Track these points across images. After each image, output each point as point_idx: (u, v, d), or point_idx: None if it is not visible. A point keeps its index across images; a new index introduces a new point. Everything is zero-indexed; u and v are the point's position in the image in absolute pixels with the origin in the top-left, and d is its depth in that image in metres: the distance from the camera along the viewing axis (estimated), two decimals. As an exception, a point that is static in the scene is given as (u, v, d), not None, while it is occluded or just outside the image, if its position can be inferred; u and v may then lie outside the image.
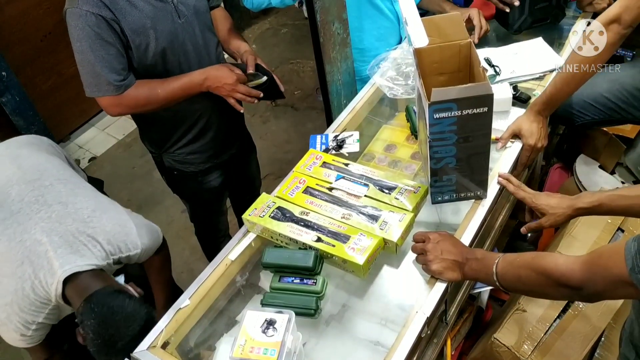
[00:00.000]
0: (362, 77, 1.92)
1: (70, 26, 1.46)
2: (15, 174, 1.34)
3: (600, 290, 0.95)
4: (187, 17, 1.58)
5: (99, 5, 1.43)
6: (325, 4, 1.59)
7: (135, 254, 1.35)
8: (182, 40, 1.58)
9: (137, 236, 1.36)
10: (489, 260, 1.14)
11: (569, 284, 0.99)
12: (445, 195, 1.34)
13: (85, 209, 1.30)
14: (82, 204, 1.31)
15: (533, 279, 1.06)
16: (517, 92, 1.69)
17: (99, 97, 1.55)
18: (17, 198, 1.28)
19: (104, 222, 1.30)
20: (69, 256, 1.21)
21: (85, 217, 1.29)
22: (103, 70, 1.48)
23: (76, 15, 1.43)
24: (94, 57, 1.47)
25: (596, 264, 0.95)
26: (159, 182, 3.01)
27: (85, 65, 1.50)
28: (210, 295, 1.31)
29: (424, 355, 1.38)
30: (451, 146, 1.20)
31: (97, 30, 1.44)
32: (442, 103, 1.12)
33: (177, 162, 1.82)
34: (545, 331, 1.49)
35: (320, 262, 1.26)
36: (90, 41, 1.45)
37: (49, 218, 1.26)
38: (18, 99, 2.95)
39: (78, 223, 1.27)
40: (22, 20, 2.98)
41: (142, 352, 1.20)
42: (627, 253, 0.88)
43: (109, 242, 1.29)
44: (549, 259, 1.04)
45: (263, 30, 4.15)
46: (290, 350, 1.09)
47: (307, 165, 1.48)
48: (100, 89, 1.52)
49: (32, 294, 1.21)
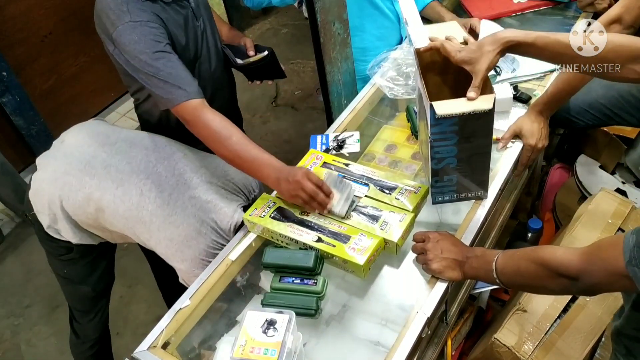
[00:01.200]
0: (362, 76, 1.92)
1: (127, 42, 1.33)
2: (152, 155, 1.48)
3: (597, 282, 0.95)
4: (202, 17, 1.57)
5: (151, 16, 1.37)
6: (325, 4, 1.59)
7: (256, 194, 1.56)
8: (202, 42, 1.56)
9: (247, 177, 1.54)
10: (489, 257, 1.15)
11: (567, 273, 1.00)
12: (446, 195, 1.34)
13: (217, 167, 1.52)
14: (212, 163, 1.52)
15: (532, 270, 1.06)
16: (517, 92, 1.69)
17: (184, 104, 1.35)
18: (169, 174, 1.45)
19: (233, 172, 1.52)
20: (232, 204, 1.46)
21: (222, 172, 1.51)
22: (177, 78, 1.35)
23: (133, 29, 1.33)
24: (164, 63, 1.35)
25: (594, 255, 0.96)
26: (160, 182, 3.03)
27: (158, 73, 1.34)
28: (210, 295, 1.32)
29: (424, 356, 1.38)
30: (452, 146, 1.20)
31: (159, 39, 1.36)
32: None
33: None
34: (546, 331, 1.49)
35: (321, 263, 1.26)
36: (156, 48, 1.34)
37: (202, 182, 1.46)
38: (18, 99, 2.95)
39: (222, 179, 1.50)
40: (22, 20, 2.98)
41: (143, 352, 1.20)
42: (625, 246, 0.89)
43: (245, 186, 1.54)
44: (548, 249, 1.05)
45: (263, 30, 4.15)
46: (291, 351, 1.09)
47: (307, 165, 1.48)
48: (181, 94, 1.34)
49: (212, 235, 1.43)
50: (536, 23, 2.02)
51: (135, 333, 2.34)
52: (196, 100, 1.35)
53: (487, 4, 2.08)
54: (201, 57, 1.57)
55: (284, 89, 3.61)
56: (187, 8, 1.50)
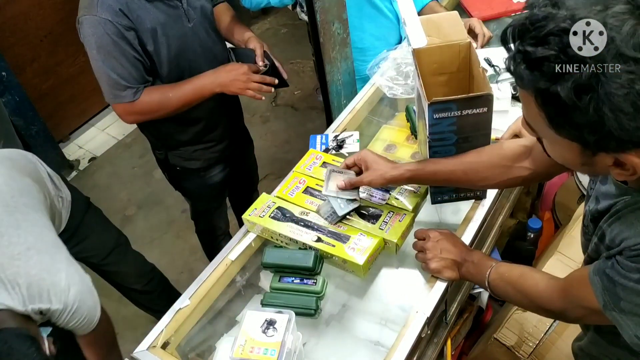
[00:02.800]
0: (362, 76, 1.92)
1: (87, 33, 1.45)
2: None
3: (580, 316, 0.96)
4: (195, 20, 1.58)
5: (118, 13, 1.42)
6: (325, 4, 1.59)
7: (57, 310, 1.17)
8: (192, 44, 1.58)
9: (65, 290, 1.18)
10: (483, 268, 1.15)
11: (551, 310, 1.02)
12: (445, 195, 1.34)
13: (19, 245, 1.17)
14: (20, 238, 1.18)
15: (519, 299, 1.09)
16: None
17: (114, 104, 1.55)
18: None
19: (32, 264, 1.16)
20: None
21: (16, 253, 1.15)
22: (119, 78, 1.49)
23: (94, 23, 1.42)
24: (110, 65, 1.47)
25: (570, 294, 0.96)
26: (159, 182, 3.03)
27: (102, 73, 1.49)
28: (210, 295, 1.31)
29: (424, 355, 1.38)
30: (451, 146, 1.20)
31: (115, 39, 1.43)
32: (442, 103, 1.12)
33: (182, 158, 1.82)
34: (546, 331, 1.49)
35: (320, 262, 1.26)
36: (107, 49, 1.44)
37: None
38: (18, 99, 2.95)
39: (4, 258, 1.14)
40: (22, 21, 2.98)
41: (142, 352, 1.20)
42: (594, 288, 0.87)
43: (29, 287, 1.14)
44: (531, 282, 1.05)
45: (263, 30, 4.15)
46: (291, 350, 1.09)
47: (307, 165, 1.48)
48: (116, 96, 1.52)
49: None
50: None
51: (135, 333, 2.34)
52: (126, 104, 1.53)
53: (487, 4, 2.08)
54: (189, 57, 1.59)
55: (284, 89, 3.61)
56: (177, 8, 1.53)
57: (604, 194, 0.88)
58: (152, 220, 2.95)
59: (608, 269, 0.83)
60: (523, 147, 1.13)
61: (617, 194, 0.84)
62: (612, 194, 0.86)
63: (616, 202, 0.84)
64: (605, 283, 0.84)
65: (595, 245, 0.90)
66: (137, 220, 2.97)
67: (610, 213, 0.85)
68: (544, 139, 0.80)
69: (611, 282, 0.83)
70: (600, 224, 0.88)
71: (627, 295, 0.81)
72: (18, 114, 2.98)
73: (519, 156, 1.13)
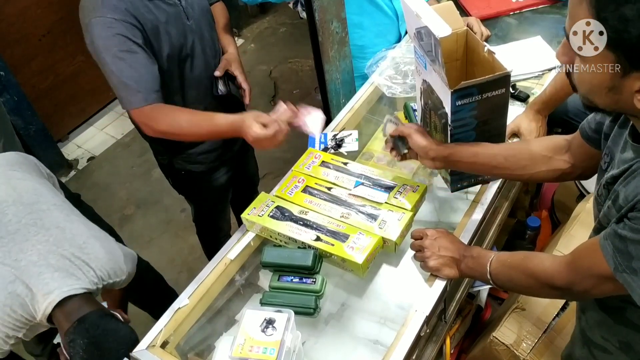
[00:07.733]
0: (361, 74, 1.92)
1: (96, 36, 1.38)
2: (11, 195, 1.33)
3: (588, 288, 0.96)
4: (194, 17, 1.57)
5: (125, 12, 1.39)
6: (324, 3, 1.58)
7: (120, 281, 1.39)
8: (191, 42, 1.57)
9: (124, 263, 1.40)
10: (483, 259, 1.15)
11: (558, 285, 1.01)
12: (465, 181, 1.36)
13: (80, 235, 1.34)
14: (78, 230, 1.34)
15: (524, 281, 1.08)
16: (515, 91, 1.69)
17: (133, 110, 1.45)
18: (15, 219, 1.29)
19: (97, 249, 1.34)
20: (65, 279, 1.25)
21: (81, 243, 1.32)
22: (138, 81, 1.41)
23: (103, 25, 1.37)
24: (124, 67, 1.40)
25: (579, 265, 0.96)
26: (158, 181, 3.03)
27: (116, 77, 1.41)
28: (209, 294, 1.32)
29: (423, 354, 1.38)
30: (471, 131, 1.22)
31: (126, 39, 1.38)
32: (464, 89, 1.13)
33: (187, 162, 1.81)
34: (545, 329, 1.49)
35: (320, 261, 1.26)
36: (120, 51, 1.38)
37: (46, 241, 1.28)
38: (16, 99, 2.94)
39: (74, 248, 1.30)
40: (20, 20, 2.98)
41: (142, 351, 1.20)
42: (604, 253, 0.88)
43: (101, 268, 1.33)
44: (537, 260, 1.06)
45: (262, 29, 4.15)
46: (290, 349, 1.09)
47: (306, 164, 1.48)
48: (135, 100, 1.42)
49: (19, 310, 1.23)
50: (535, 22, 2.02)
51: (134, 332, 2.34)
52: (148, 106, 1.43)
53: (485, 3, 2.08)
54: (189, 55, 1.58)
55: (283, 88, 3.61)
56: (176, 6, 1.52)
57: (622, 160, 0.90)
58: (151, 220, 2.95)
59: (620, 229, 0.84)
60: (564, 139, 1.17)
61: (635, 157, 0.86)
62: (629, 158, 0.87)
63: (632, 165, 0.86)
64: (616, 244, 0.85)
65: (608, 209, 0.91)
66: (136, 219, 2.97)
67: (626, 175, 0.87)
68: (577, 62, 0.80)
69: (623, 241, 0.84)
70: (615, 187, 0.89)
71: (639, 252, 0.82)
72: (16, 114, 2.98)
73: (560, 148, 1.17)
